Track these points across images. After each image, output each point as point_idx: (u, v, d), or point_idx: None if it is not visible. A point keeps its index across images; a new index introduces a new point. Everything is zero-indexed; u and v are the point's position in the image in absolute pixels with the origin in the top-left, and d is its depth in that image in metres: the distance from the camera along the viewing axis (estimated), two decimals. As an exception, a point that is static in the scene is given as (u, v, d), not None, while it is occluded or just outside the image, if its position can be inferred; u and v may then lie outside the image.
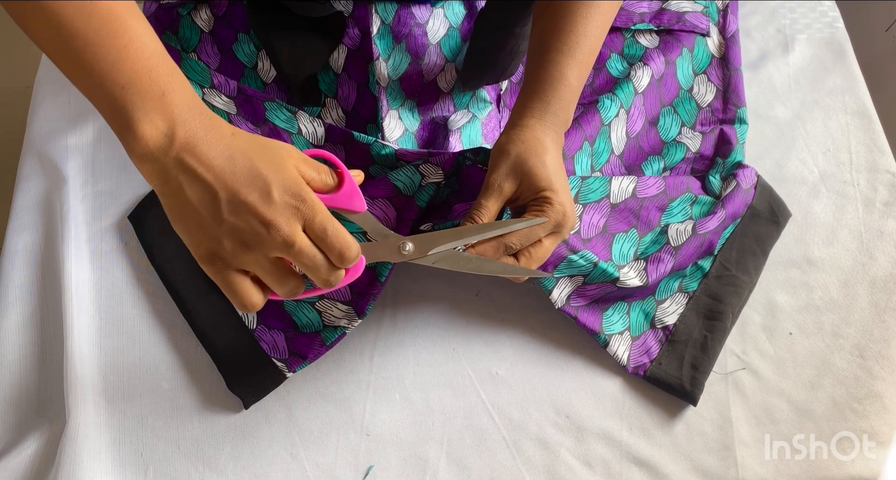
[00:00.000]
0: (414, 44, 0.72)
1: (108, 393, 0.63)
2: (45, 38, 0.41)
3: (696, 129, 0.77)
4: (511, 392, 0.64)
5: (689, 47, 0.78)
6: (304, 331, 0.64)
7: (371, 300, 0.63)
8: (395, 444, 0.62)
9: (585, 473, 0.61)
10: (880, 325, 0.67)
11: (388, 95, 0.71)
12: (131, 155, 0.42)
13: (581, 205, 0.67)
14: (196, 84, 0.73)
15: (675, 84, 0.78)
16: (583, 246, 0.64)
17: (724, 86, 0.79)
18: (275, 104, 0.72)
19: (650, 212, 0.69)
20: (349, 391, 0.64)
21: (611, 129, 0.73)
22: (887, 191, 0.74)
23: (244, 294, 0.45)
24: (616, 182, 0.68)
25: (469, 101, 0.75)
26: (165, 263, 0.68)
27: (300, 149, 0.70)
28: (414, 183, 0.65)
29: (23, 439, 0.61)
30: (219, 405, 0.63)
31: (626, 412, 0.63)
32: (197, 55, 0.75)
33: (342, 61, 0.73)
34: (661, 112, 0.76)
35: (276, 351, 0.64)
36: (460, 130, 0.72)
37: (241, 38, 0.75)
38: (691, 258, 0.68)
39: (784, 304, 0.68)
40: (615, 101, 0.73)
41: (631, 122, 0.74)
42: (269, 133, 0.71)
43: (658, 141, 0.76)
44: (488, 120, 0.75)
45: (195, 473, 0.60)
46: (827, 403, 0.64)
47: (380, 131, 0.71)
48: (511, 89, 0.78)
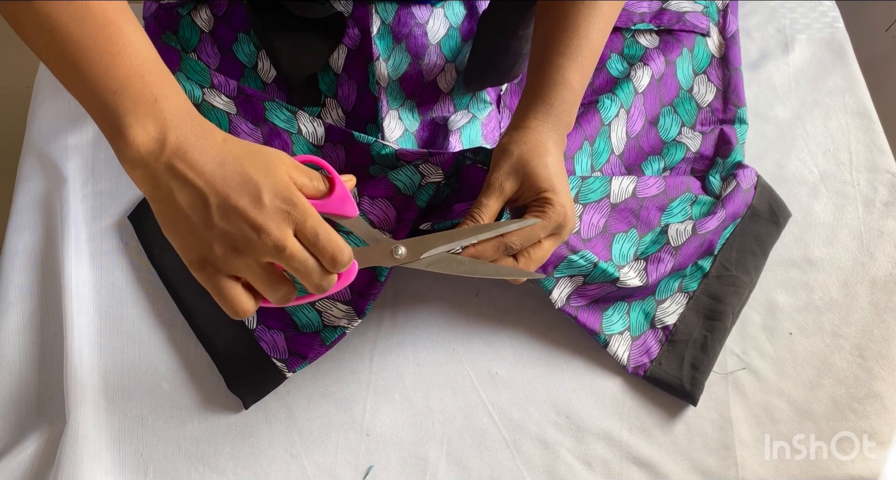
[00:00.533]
0: (414, 44, 0.72)
1: (108, 392, 0.63)
2: (39, 41, 0.41)
3: (697, 129, 0.77)
4: (511, 392, 0.64)
5: (689, 47, 0.78)
6: (304, 331, 0.64)
7: (371, 300, 0.63)
8: (395, 444, 0.62)
9: (585, 473, 0.61)
10: (880, 325, 0.67)
11: (388, 95, 0.71)
12: (122, 160, 0.42)
13: (581, 205, 0.67)
14: (196, 84, 0.72)
15: (675, 84, 0.78)
16: (583, 247, 0.64)
17: (724, 87, 0.79)
18: (275, 104, 0.72)
19: (650, 211, 0.69)
20: (349, 391, 0.64)
21: (611, 129, 0.73)
22: (887, 191, 0.74)
23: (235, 300, 0.44)
24: (616, 182, 0.68)
25: (469, 102, 0.75)
26: (165, 263, 0.68)
27: (301, 148, 0.70)
28: (414, 183, 0.65)
29: (23, 439, 0.61)
30: (219, 405, 0.63)
31: (626, 412, 0.63)
32: (197, 55, 0.75)
33: (342, 61, 0.73)
34: (661, 112, 0.77)
35: (276, 351, 0.64)
36: (460, 130, 0.72)
37: (241, 38, 0.75)
38: (691, 258, 0.68)
39: (784, 304, 0.68)
40: (615, 101, 0.73)
41: (631, 122, 0.74)
42: (269, 133, 0.71)
43: (658, 140, 0.76)
44: (488, 120, 0.75)
45: (195, 473, 0.60)
46: (827, 403, 0.64)
47: (380, 131, 0.71)
48: (511, 90, 0.78)
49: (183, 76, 0.73)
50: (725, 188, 0.72)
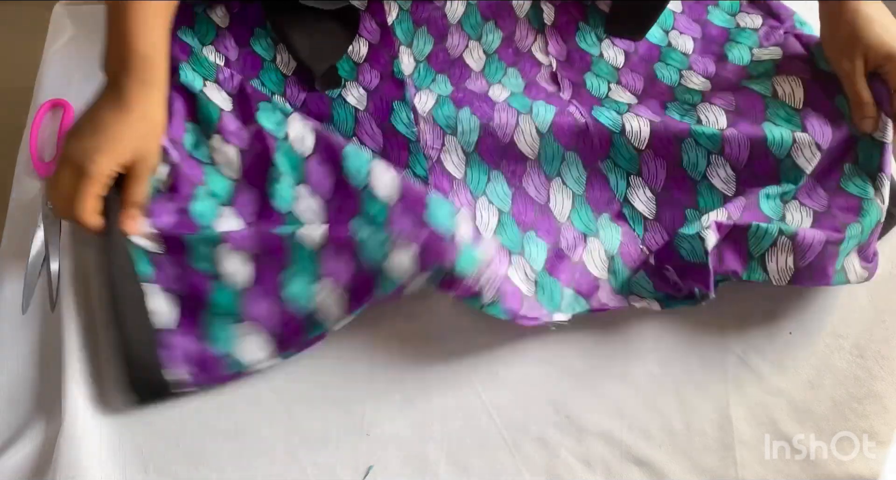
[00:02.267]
0: (435, 26, 0.72)
1: (108, 392, 0.63)
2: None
3: (765, 45, 0.77)
4: (511, 392, 0.64)
5: (714, 3, 0.81)
6: (216, 351, 0.62)
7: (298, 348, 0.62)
8: (395, 444, 0.62)
9: (585, 473, 0.61)
10: (880, 325, 0.67)
11: (415, 78, 0.72)
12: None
13: None
14: (199, 76, 0.73)
15: (719, 30, 0.79)
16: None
17: (765, 11, 0.80)
18: (270, 105, 0.71)
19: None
20: (349, 391, 0.64)
21: (683, 81, 0.74)
22: (887, 191, 0.74)
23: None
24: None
25: (502, 77, 0.75)
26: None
27: (284, 155, 0.68)
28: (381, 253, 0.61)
29: (21, 438, 0.61)
30: (219, 405, 0.63)
31: (626, 412, 0.63)
32: (215, 48, 0.75)
33: (364, 54, 0.74)
34: (724, 47, 0.77)
35: (178, 363, 0.61)
36: (507, 98, 0.72)
37: (257, 33, 0.76)
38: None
39: (784, 304, 0.68)
40: (670, 68, 0.75)
41: (699, 67, 0.76)
42: (254, 135, 0.69)
43: (738, 67, 0.76)
44: (536, 91, 0.74)
45: (195, 473, 0.60)
46: (827, 403, 0.64)
47: (409, 107, 0.70)
48: (560, 66, 0.77)
49: (189, 67, 0.73)
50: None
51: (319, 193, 0.66)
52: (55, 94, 0.78)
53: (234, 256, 0.63)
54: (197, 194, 0.66)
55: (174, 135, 0.68)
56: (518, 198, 0.69)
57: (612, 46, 0.78)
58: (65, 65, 0.81)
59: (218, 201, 0.67)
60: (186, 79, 0.71)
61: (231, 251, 0.63)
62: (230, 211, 0.66)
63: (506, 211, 0.69)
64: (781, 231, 0.63)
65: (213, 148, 0.69)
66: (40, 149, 0.75)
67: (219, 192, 0.67)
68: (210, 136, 0.69)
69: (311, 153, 0.68)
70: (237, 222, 0.66)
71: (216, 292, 0.63)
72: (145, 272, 0.63)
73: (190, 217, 0.65)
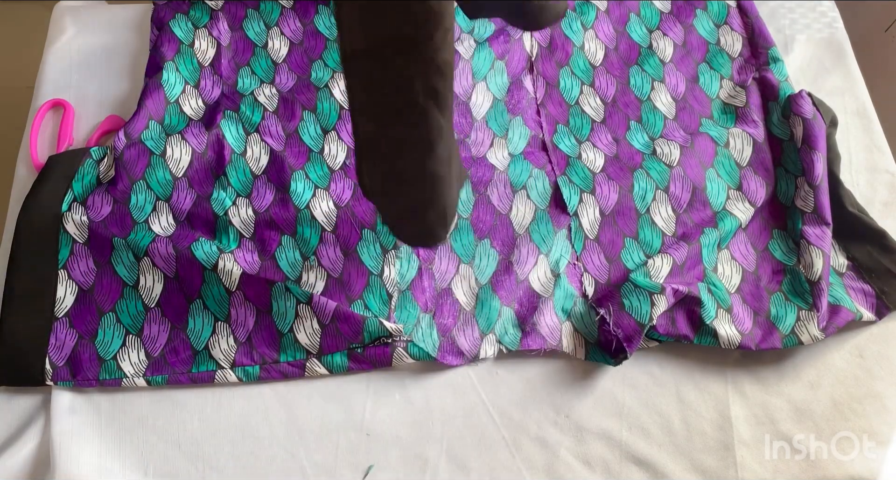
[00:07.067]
0: None
1: (107, 391, 0.63)
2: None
3: (735, 80, 0.78)
4: (511, 392, 0.64)
5: (702, 6, 0.82)
6: (98, 353, 0.63)
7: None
8: (395, 444, 0.62)
9: (585, 473, 0.61)
10: (880, 325, 0.67)
11: None
12: None
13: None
14: (182, 79, 0.75)
15: (701, 41, 0.81)
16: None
17: (748, 33, 0.81)
18: (234, 117, 0.73)
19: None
20: (349, 391, 0.64)
21: (653, 100, 0.76)
22: (887, 191, 0.74)
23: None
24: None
25: (488, 72, 0.77)
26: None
27: (236, 169, 0.70)
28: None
29: (20, 437, 0.61)
30: (219, 405, 0.63)
31: (626, 412, 0.63)
32: (208, 31, 0.78)
33: (283, 54, 0.78)
34: (697, 69, 0.79)
35: (59, 354, 0.63)
36: (470, 64, 0.75)
37: (250, 14, 0.79)
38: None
39: (784, 304, 0.68)
40: (645, 77, 0.77)
41: (671, 87, 0.77)
42: (214, 141, 0.72)
43: (705, 97, 0.78)
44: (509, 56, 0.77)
45: (195, 473, 0.60)
46: (827, 403, 0.64)
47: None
48: (542, 55, 0.79)
49: (173, 66, 0.75)
50: (795, 125, 0.72)
51: (255, 206, 0.69)
52: (55, 94, 0.78)
53: (154, 273, 0.65)
54: (135, 188, 0.69)
55: (133, 130, 0.71)
56: (480, 205, 0.70)
57: (595, 38, 0.80)
58: (65, 65, 0.81)
59: (155, 194, 0.69)
60: (168, 81, 0.74)
61: (153, 267, 0.65)
62: (165, 206, 0.69)
63: (465, 217, 0.70)
64: (719, 304, 0.65)
65: (170, 143, 0.71)
66: (40, 149, 0.75)
67: (157, 187, 0.69)
68: (170, 135, 0.72)
69: (261, 173, 0.71)
70: (170, 218, 0.68)
71: (127, 300, 0.65)
72: (63, 257, 0.66)
73: (127, 208, 0.68)
